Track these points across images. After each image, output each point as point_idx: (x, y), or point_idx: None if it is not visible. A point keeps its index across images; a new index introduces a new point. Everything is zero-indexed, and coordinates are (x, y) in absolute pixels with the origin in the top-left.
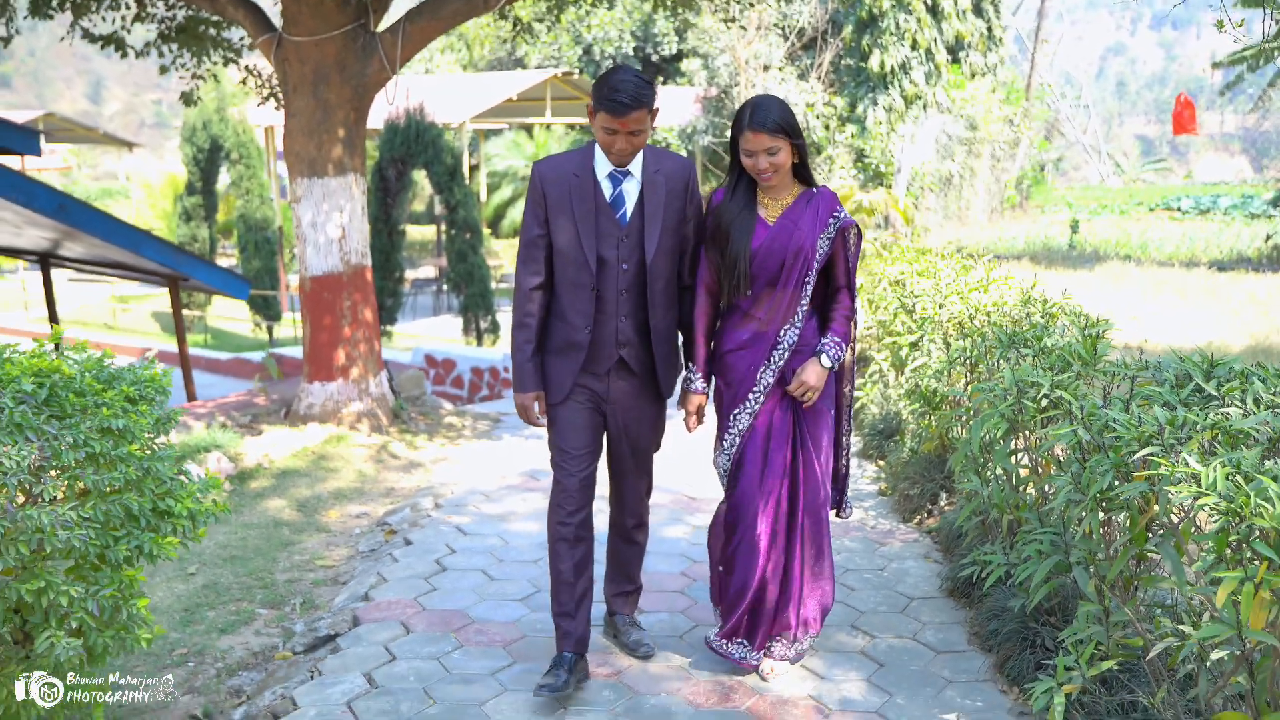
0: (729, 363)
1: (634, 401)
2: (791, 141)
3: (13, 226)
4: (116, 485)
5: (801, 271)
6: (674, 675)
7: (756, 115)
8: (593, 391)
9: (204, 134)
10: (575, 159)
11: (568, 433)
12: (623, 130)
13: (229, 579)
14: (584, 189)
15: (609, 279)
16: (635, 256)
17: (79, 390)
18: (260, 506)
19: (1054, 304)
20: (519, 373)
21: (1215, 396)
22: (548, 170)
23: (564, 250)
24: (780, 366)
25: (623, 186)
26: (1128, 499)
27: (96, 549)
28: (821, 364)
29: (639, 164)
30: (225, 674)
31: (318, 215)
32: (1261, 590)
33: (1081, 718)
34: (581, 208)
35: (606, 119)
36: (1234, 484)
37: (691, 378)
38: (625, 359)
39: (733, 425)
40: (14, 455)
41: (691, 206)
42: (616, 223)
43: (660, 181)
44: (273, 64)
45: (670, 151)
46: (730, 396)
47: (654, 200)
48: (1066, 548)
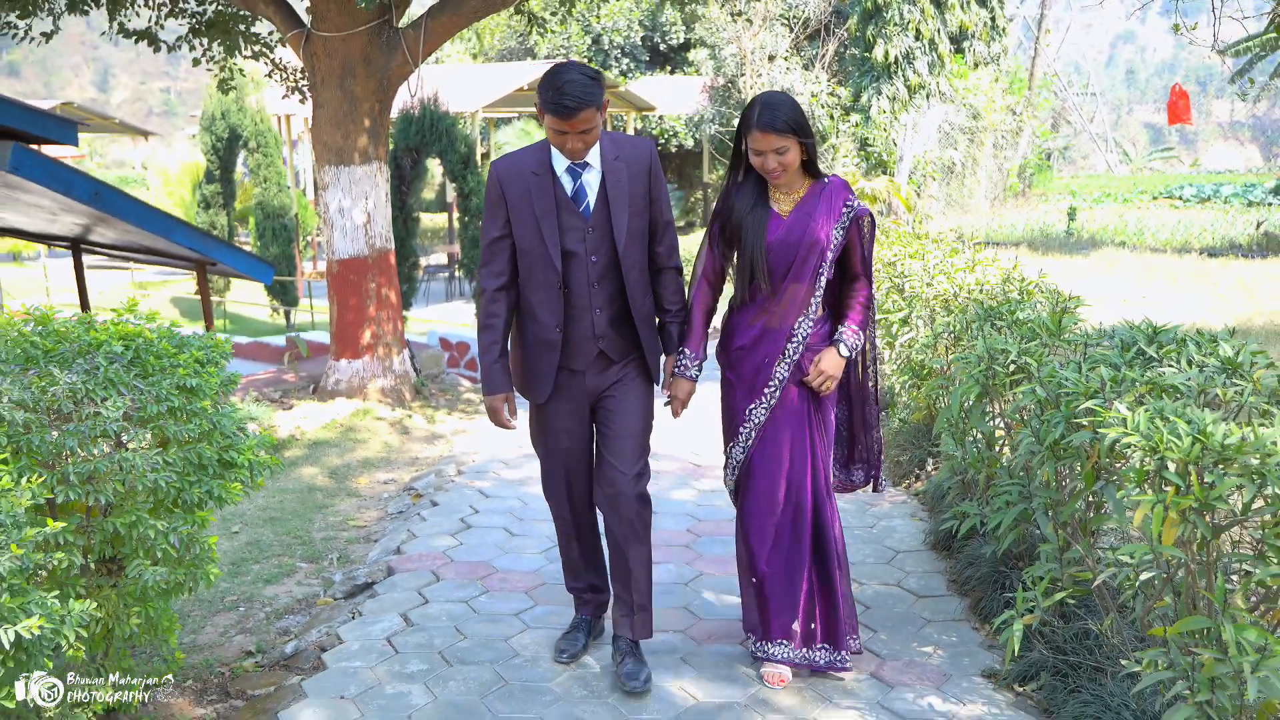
0: (740, 356)
1: (619, 389)
2: (800, 140)
3: (49, 214)
4: (191, 436)
5: (816, 263)
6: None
7: (764, 115)
8: (577, 388)
9: (223, 123)
10: (532, 155)
11: (554, 435)
12: (572, 131)
13: (270, 537)
14: (543, 186)
15: (578, 274)
16: (604, 247)
17: (158, 353)
18: (294, 474)
19: (1031, 283)
20: (486, 375)
21: (1155, 359)
22: (505, 170)
23: (528, 250)
24: (796, 359)
25: (583, 179)
26: (1076, 446)
27: (175, 491)
28: (840, 353)
29: (596, 154)
30: (273, 617)
31: (344, 201)
32: (1170, 512)
33: (1042, 646)
34: (542, 205)
35: (554, 121)
36: (1154, 425)
37: (686, 363)
38: (605, 350)
39: (748, 420)
40: (109, 407)
41: (657, 188)
42: (580, 216)
43: (621, 168)
44: (301, 58)
45: (629, 135)
46: (743, 391)
47: (617, 187)
48: (1029, 496)
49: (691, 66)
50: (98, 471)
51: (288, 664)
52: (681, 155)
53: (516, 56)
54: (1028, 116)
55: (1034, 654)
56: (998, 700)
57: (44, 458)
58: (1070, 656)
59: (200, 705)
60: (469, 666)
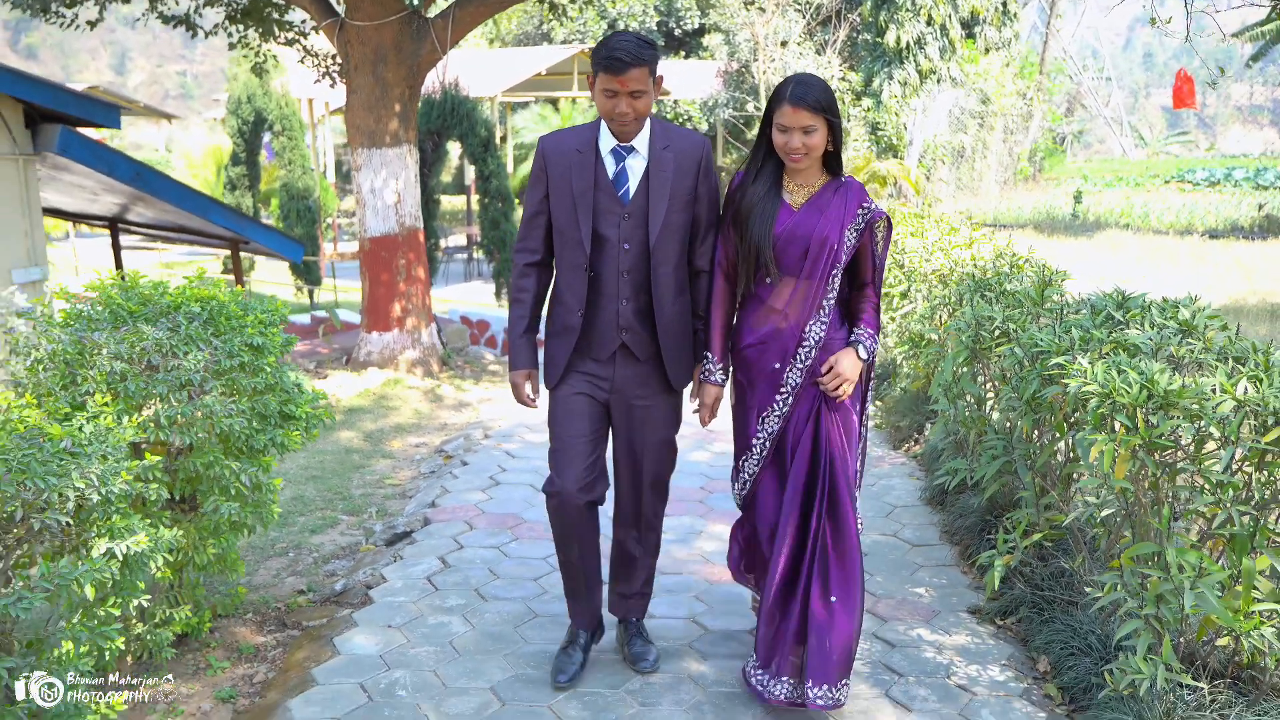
0: (748, 358)
1: (640, 392)
2: (829, 122)
3: (90, 194)
4: (258, 389)
5: (827, 263)
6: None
7: (798, 90)
8: (595, 377)
9: (249, 107)
10: (580, 134)
11: (564, 418)
12: (623, 90)
13: (312, 493)
14: (585, 164)
15: (608, 259)
16: (638, 236)
17: (228, 314)
18: (332, 437)
19: (1020, 259)
20: (511, 349)
21: (1122, 322)
22: (551, 146)
23: (562, 229)
24: (807, 365)
25: (626, 162)
26: (1049, 399)
27: (245, 436)
28: (859, 355)
29: (645, 140)
30: (321, 562)
31: (376, 182)
32: (1121, 449)
33: (1021, 584)
34: (580, 184)
35: (605, 79)
36: (1110, 376)
37: (710, 368)
38: (628, 345)
39: (761, 430)
40: (190, 360)
41: (705, 186)
42: (618, 200)
43: (669, 159)
44: (335, 46)
45: (684, 129)
46: (751, 395)
47: (660, 178)
48: (1011, 449)
49: (706, 51)
50: (183, 415)
51: (337, 600)
52: None
53: (533, 41)
54: (1038, 101)
55: (1015, 591)
56: (980, 632)
57: (136, 403)
58: (1046, 592)
59: (261, 634)
60: (502, 602)
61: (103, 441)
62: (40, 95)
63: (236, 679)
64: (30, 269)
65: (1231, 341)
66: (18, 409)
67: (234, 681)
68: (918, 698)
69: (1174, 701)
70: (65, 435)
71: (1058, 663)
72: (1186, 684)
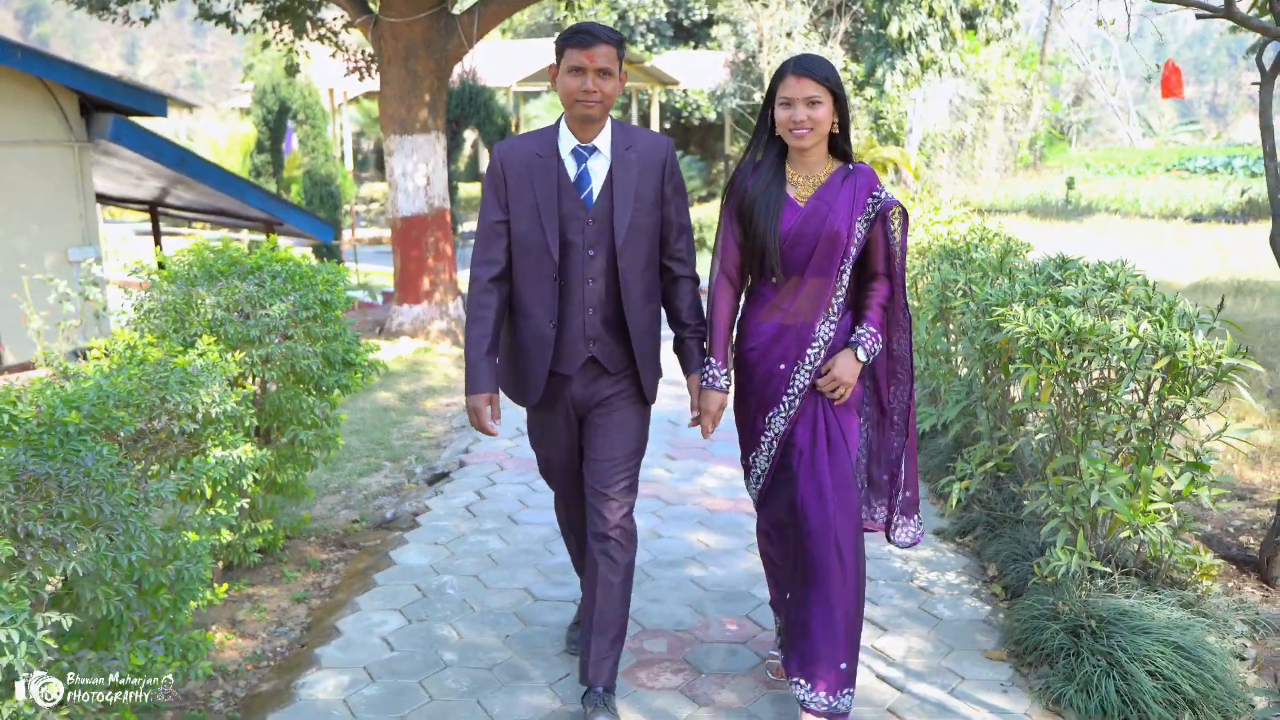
0: (753, 360)
1: (608, 405)
2: (835, 96)
3: (135, 178)
4: (328, 337)
5: (837, 259)
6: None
7: (802, 61)
8: (563, 396)
9: (273, 96)
10: (538, 138)
11: (548, 440)
12: (590, 66)
13: (356, 444)
14: (546, 169)
15: (574, 268)
16: (603, 241)
17: (302, 274)
18: (371, 397)
19: (990, 233)
20: (470, 371)
21: (1059, 279)
22: (508, 152)
23: (524, 237)
24: (816, 366)
25: (588, 164)
26: (994, 343)
27: (317, 376)
28: (857, 357)
29: (607, 140)
30: (370, 498)
31: (407, 166)
32: (1044, 378)
33: (979, 509)
34: (543, 189)
35: (573, 55)
36: (1037, 318)
37: (714, 374)
38: (598, 357)
39: (768, 429)
40: (275, 309)
41: (670, 186)
42: (582, 204)
43: (632, 159)
44: (370, 41)
45: (646, 129)
46: (757, 399)
47: (624, 179)
48: (971, 393)
49: (714, 42)
50: (273, 355)
51: (388, 526)
52: (704, 128)
53: (545, 32)
54: (1038, 91)
55: (973, 514)
56: (942, 549)
57: (233, 344)
58: (998, 513)
59: (324, 552)
60: (531, 525)
61: (212, 372)
62: (95, 86)
63: (307, 585)
64: (85, 249)
65: (1149, 295)
66: (143, 346)
67: (305, 587)
68: (884, 595)
69: (1087, 586)
70: (186, 365)
71: (1003, 567)
72: (1097, 569)
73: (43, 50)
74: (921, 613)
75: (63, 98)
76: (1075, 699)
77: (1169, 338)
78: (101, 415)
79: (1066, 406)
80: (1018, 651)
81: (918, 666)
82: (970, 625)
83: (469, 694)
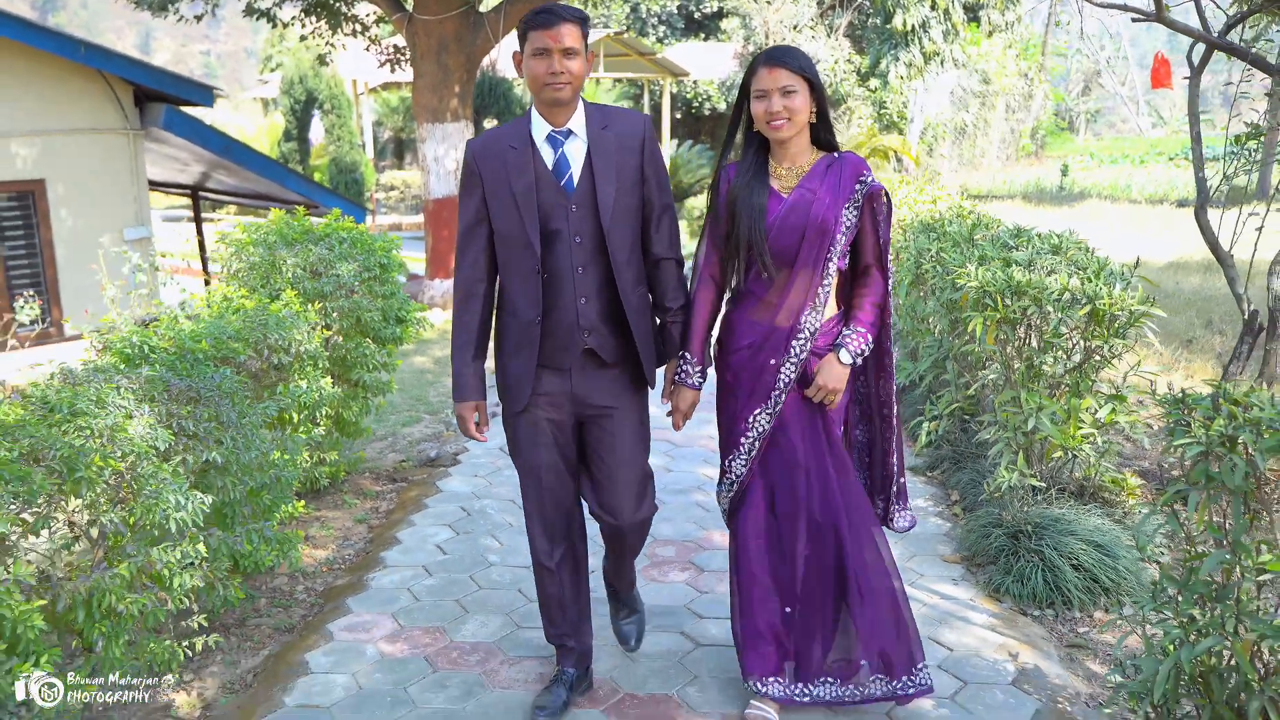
0: (744, 359)
1: (611, 398)
2: (810, 83)
3: (180, 164)
4: (386, 295)
5: (823, 249)
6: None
7: (773, 52)
8: (561, 393)
9: (301, 87)
10: (511, 130)
11: (531, 448)
12: (555, 46)
13: (397, 400)
14: (522, 160)
15: (561, 257)
16: (589, 226)
17: (365, 241)
18: (409, 362)
19: (967, 210)
20: (456, 379)
21: (1012, 245)
22: (480, 148)
23: (505, 234)
24: (803, 359)
25: (565, 148)
26: (954, 299)
27: (377, 328)
28: (841, 360)
29: (581, 122)
30: (413, 444)
31: (439, 151)
32: (990, 324)
33: (949, 448)
34: (521, 181)
35: (537, 36)
36: (984, 274)
37: (688, 369)
38: (594, 349)
39: (751, 428)
40: (343, 269)
41: (651, 167)
42: (562, 190)
43: (610, 139)
44: (404, 37)
45: (622, 108)
46: (744, 397)
47: (604, 160)
48: (941, 348)
49: (724, 34)
50: (342, 308)
51: (432, 464)
52: (714, 118)
53: None
54: (1039, 81)
55: (941, 452)
56: (915, 480)
57: (310, 298)
58: (962, 450)
59: (378, 485)
60: None
61: (297, 319)
62: (150, 78)
63: (366, 509)
64: (139, 228)
65: (1088, 258)
66: (237, 298)
67: (365, 511)
68: None
69: (1028, 500)
70: (278, 311)
71: (963, 492)
72: (1035, 485)
73: (104, 46)
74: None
75: (119, 89)
76: (1011, 588)
77: (1091, 289)
78: (221, 346)
79: (1011, 350)
80: (969, 555)
81: None
82: (932, 538)
83: (510, 585)
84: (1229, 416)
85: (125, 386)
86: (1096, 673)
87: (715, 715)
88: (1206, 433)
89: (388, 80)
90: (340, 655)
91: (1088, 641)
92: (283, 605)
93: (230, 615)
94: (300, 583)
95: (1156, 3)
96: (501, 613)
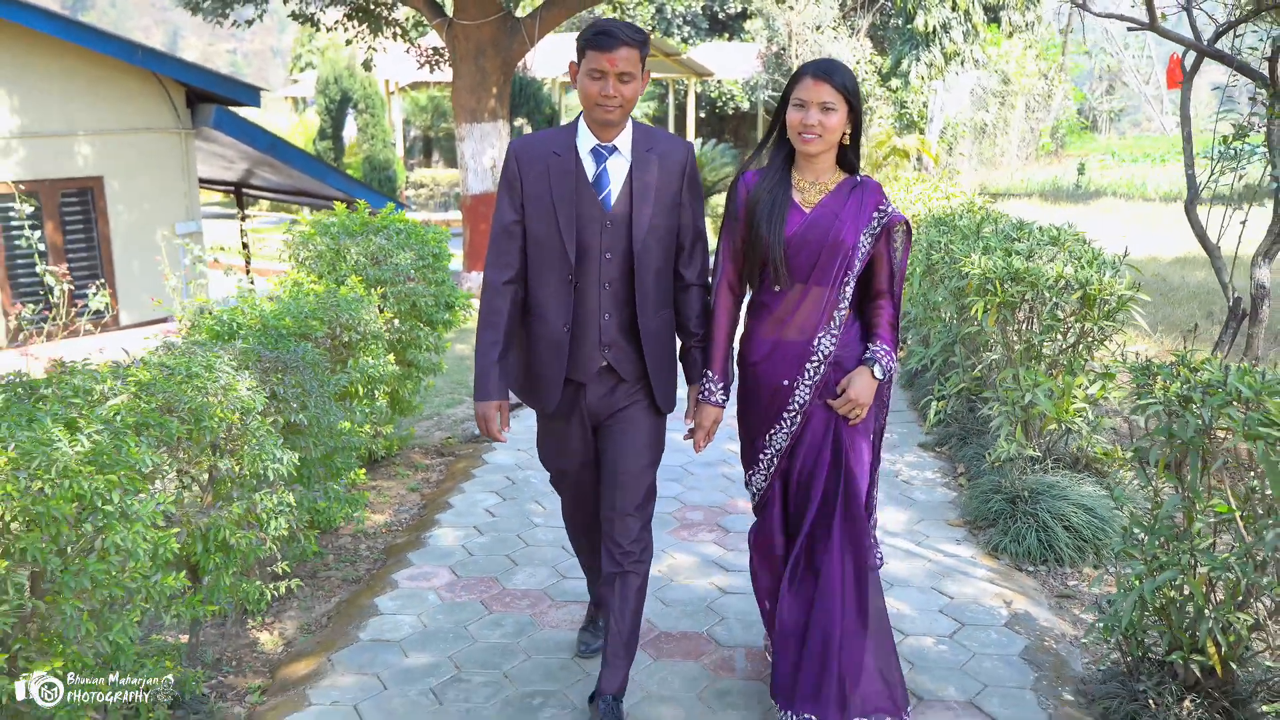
0: (757, 375)
1: (622, 415)
2: (850, 105)
3: (226, 161)
4: (438, 282)
5: (840, 269)
6: None
7: (821, 64)
8: (578, 404)
9: (335, 87)
10: (557, 136)
11: (561, 450)
12: (611, 71)
13: (442, 384)
14: (564, 168)
15: (590, 271)
16: (621, 245)
17: (419, 232)
18: (451, 350)
19: (977, 206)
20: (480, 378)
21: (1014, 237)
22: (524, 149)
23: (540, 238)
24: (816, 381)
25: (607, 164)
26: (961, 286)
27: (430, 312)
28: (874, 374)
29: (627, 140)
30: (457, 423)
31: (476, 150)
32: (990, 307)
33: (956, 425)
34: (561, 189)
35: (594, 57)
36: (985, 261)
37: (710, 387)
38: (612, 364)
39: (768, 445)
40: (400, 258)
41: (690, 194)
42: (600, 205)
43: (652, 160)
44: (444, 40)
45: (667, 132)
46: (759, 413)
47: (643, 181)
48: (950, 332)
49: (747, 34)
50: (399, 293)
51: (476, 440)
52: (738, 117)
53: (584, 25)
54: (1059, 81)
55: (950, 429)
56: (924, 455)
57: (372, 284)
58: (969, 428)
59: (428, 459)
60: None
61: (363, 301)
62: (200, 80)
63: (418, 480)
64: (189, 223)
65: (1086, 249)
66: (307, 282)
67: (417, 481)
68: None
69: (1025, 469)
70: (347, 294)
71: (968, 464)
72: (1032, 455)
73: (159, 50)
74: (902, 498)
75: (172, 90)
76: (1008, 546)
77: (1083, 276)
78: (301, 324)
79: (1011, 332)
80: (971, 519)
81: (895, 528)
82: (940, 506)
83: (554, 543)
84: (1184, 380)
85: (225, 357)
86: (1083, 619)
87: (740, 649)
88: (1166, 394)
89: (416, 80)
90: (405, 600)
91: (1075, 592)
92: (349, 560)
93: (303, 569)
94: (363, 541)
95: (1150, 12)
96: (547, 565)
